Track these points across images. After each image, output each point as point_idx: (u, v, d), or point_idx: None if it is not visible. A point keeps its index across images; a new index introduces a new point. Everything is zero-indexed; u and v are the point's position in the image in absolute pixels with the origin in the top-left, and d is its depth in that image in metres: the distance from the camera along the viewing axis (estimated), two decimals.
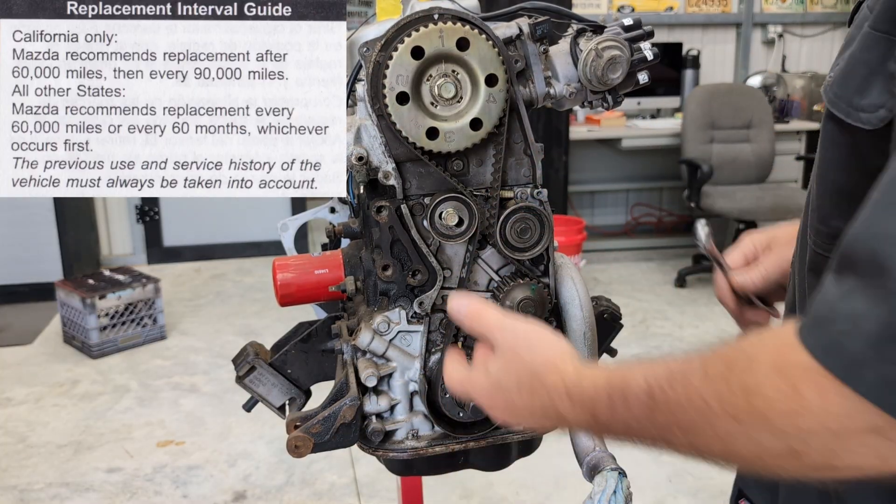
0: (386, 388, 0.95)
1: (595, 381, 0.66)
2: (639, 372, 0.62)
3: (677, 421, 0.58)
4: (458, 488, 2.62)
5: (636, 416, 0.61)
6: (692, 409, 0.56)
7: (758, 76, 5.35)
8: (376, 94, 0.85)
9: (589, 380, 0.67)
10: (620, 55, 0.90)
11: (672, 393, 0.58)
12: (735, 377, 0.54)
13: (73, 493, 2.67)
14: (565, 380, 0.68)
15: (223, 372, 3.56)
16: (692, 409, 0.56)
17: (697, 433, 0.57)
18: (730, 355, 0.56)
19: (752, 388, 0.52)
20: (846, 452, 0.50)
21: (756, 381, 0.52)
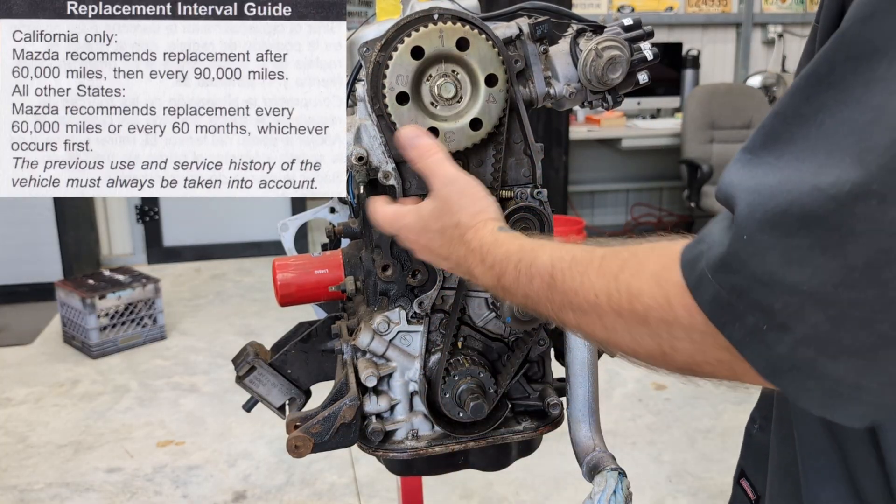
0: (386, 388, 0.95)
1: (508, 249, 0.72)
2: (547, 251, 0.68)
3: (570, 303, 0.64)
4: (458, 488, 2.62)
5: (535, 290, 0.67)
6: (583, 298, 0.62)
7: (758, 76, 5.36)
8: (376, 94, 0.85)
9: (503, 247, 0.73)
10: (620, 55, 0.90)
11: (569, 279, 0.64)
12: (623, 278, 0.59)
13: (73, 493, 2.67)
14: (482, 241, 0.75)
15: (223, 372, 3.56)
16: (584, 297, 0.62)
17: (586, 319, 0.63)
18: (624, 256, 0.61)
19: (635, 292, 0.58)
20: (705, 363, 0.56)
21: (639, 286, 0.58)
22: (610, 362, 1.03)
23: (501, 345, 0.98)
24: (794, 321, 0.48)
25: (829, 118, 0.49)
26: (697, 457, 2.83)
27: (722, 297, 0.51)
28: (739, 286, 0.50)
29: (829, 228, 0.46)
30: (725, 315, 0.51)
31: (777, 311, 0.49)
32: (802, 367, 0.49)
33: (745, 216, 0.50)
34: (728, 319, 0.51)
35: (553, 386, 1.00)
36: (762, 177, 0.51)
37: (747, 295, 0.50)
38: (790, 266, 0.48)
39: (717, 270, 0.52)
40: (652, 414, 3.16)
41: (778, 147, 0.52)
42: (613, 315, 0.60)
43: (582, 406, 0.96)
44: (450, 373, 0.93)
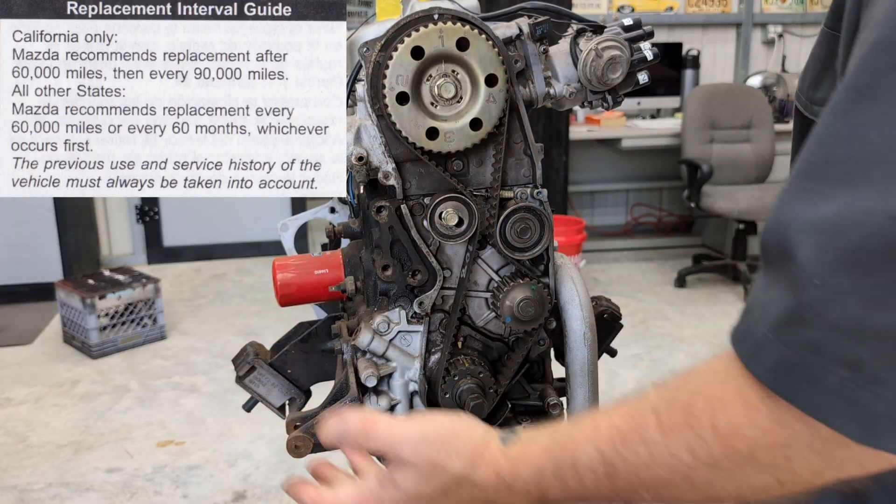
0: (386, 388, 0.95)
1: (534, 462, 0.61)
2: (583, 440, 0.58)
3: (644, 482, 0.55)
4: None
5: (591, 487, 0.57)
6: (661, 468, 0.53)
7: (758, 76, 5.35)
8: (376, 94, 0.85)
9: (526, 463, 0.62)
10: (620, 55, 0.90)
11: (632, 456, 0.54)
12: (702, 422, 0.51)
13: (73, 493, 2.67)
14: (498, 472, 0.63)
15: (223, 372, 3.56)
16: (661, 467, 0.53)
17: (671, 488, 0.54)
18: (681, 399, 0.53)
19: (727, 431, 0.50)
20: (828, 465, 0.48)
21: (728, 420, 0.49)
22: (610, 362, 1.03)
23: (501, 345, 0.98)
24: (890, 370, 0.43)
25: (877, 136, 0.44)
26: None
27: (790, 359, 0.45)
28: (815, 341, 0.44)
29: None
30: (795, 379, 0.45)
31: (869, 363, 0.43)
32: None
33: (813, 259, 0.44)
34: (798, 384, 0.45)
35: (553, 386, 1.00)
36: (821, 212, 0.45)
37: (827, 349, 0.44)
38: (877, 308, 0.42)
39: (782, 328, 0.45)
40: None
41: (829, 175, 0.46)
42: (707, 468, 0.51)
43: (582, 406, 0.96)
44: (450, 373, 0.93)
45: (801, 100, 0.71)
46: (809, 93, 0.69)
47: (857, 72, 0.47)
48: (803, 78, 0.72)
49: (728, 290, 4.73)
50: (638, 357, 3.69)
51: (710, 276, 4.96)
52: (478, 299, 0.95)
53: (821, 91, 0.66)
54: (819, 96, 0.67)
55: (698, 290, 4.73)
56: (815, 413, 0.45)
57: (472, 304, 0.95)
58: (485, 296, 0.95)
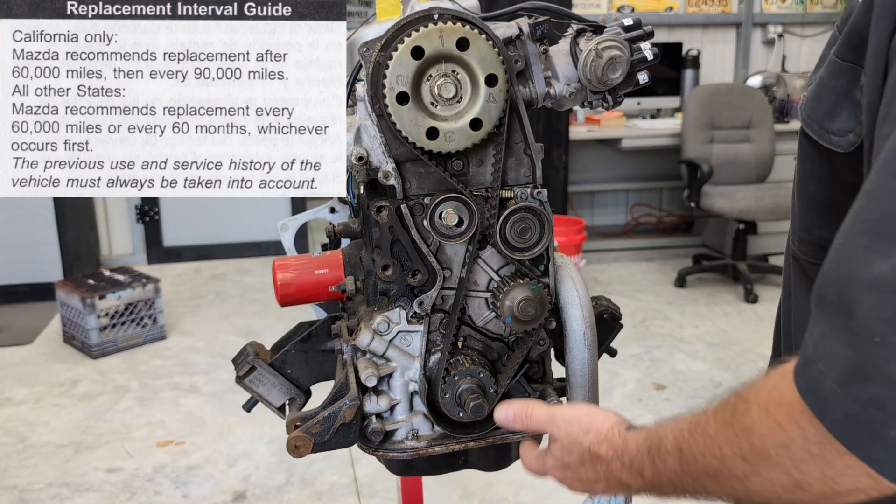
0: (386, 388, 0.95)
1: (638, 444, 0.71)
2: (669, 428, 0.68)
3: (704, 469, 0.62)
4: (458, 488, 2.62)
5: (672, 469, 0.66)
6: (711, 457, 0.61)
7: (758, 76, 5.35)
8: (376, 94, 0.85)
9: (633, 442, 0.72)
10: (620, 55, 0.90)
11: (693, 443, 0.63)
12: (737, 421, 0.58)
13: (73, 493, 2.67)
14: (615, 448, 0.74)
15: (223, 372, 3.56)
16: (711, 456, 0.61)
17: (721, 478, 0.61)
18: (732, 401, 0.60)
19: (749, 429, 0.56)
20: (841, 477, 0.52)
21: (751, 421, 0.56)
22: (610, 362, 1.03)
23: (501, 345, 0.98)
24: None
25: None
26: None
27: (857, 414, 0.48)
28: (878, 397, 0.47)
29: None
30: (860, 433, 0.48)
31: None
32: None
33: (873, 317, 0.47)
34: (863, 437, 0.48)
35: (553, 386, 1.00)
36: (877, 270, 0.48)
37: (889, 405, 0.46)
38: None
39: (847, 383, 0.48)
40: (652, 414, 3.15)
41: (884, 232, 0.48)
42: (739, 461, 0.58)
43: None
44: (450, 373, 0.93)
45: (814, 128, 0.72)
46: (825, 123, 0.70)
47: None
48: (814, 106, 0.72)
49: (728, 290, 4.73)
50: (638, 357, 3.69)
51: (710, 276, 4.96)
52: (478, 299, 0.95)
53: (838, 122, 0.69)
54: (837, 127, 0.69)
55: (698, 290, 4.73)
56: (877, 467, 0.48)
57: (472, 304, 0.95)
58: (485, 296, 0.95)
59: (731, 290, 4.70)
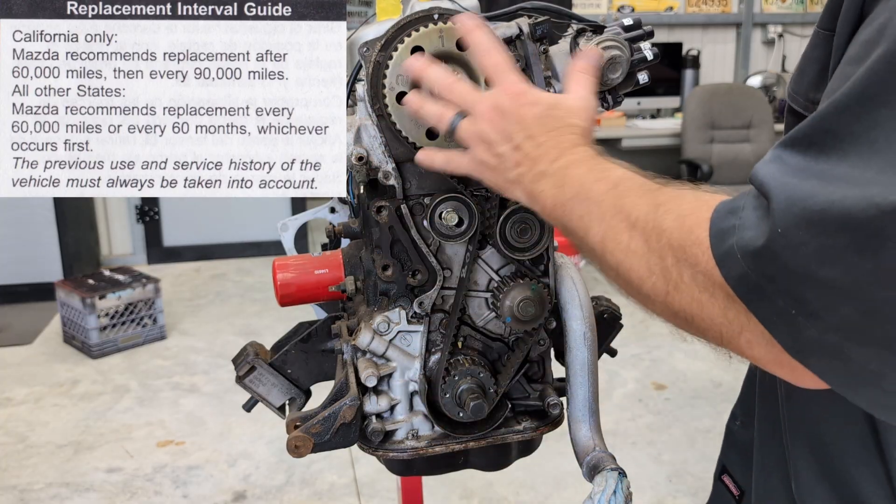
0: (386, 388, 0.95)
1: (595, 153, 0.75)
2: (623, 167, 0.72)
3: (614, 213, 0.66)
4: (458, 488, 2.62)
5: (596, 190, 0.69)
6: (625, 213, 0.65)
7: (758, 76, 5.36)
8: (376, 94, 0.85)
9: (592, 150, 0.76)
10: (620, 55, 0.90)
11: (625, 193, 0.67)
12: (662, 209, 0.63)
13: (73, 493, 2.67)
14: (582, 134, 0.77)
15: (223, 372, 3.57)
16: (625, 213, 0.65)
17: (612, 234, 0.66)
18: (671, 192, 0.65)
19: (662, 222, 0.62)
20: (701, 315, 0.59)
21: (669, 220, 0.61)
22: (610, 362, 1.03)
23: (501, 345, 0.98)
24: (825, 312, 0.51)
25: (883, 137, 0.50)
26: (697, 457, 2.83)
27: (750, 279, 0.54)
28: (770, 273, 0.52)
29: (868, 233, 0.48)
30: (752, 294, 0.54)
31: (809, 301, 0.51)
32: (830, 350, 0.52)
33: (781, 210, 0.52)
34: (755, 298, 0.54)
35: (553, 386, 1.00)
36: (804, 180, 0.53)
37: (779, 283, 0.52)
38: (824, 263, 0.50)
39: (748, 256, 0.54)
40: (652, 414, 3.16)
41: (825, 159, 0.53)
42: (639, 237, 0.63)
43: (582, 406, 0.96)
44: (450, 373, 0.93)
45: (799, 101, 0.74)
46: (810, 94, 0.72)
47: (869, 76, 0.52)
48: (799, 79, 0.74)
49: None
50: (638, 357, 3.69)
51: None
52: (478, 299, 0.95)
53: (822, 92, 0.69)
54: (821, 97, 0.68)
55: None
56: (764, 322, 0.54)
57: (472, 304, 0.95)
58: (485, 296, 0.95)
59: None
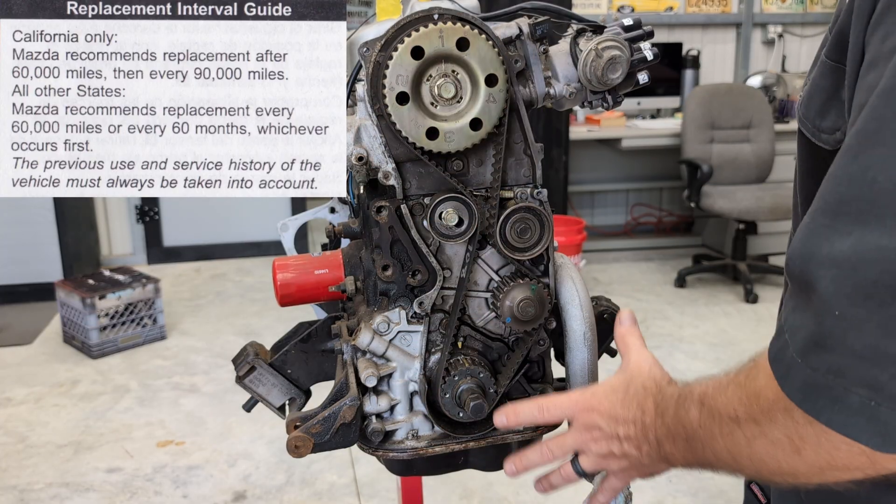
0: (386, 388, 0.95)
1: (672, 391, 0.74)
2: (696, 384, 0.71)
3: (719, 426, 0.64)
4: (458, 488, 2.62)
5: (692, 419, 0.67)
6: (727, 416, 0.62)
7: (758, 76, 5.35)
8: (376, 94, 0.85)
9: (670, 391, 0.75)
10: (620, 55, 0.90)
11: (714, 400, 0.65)
12: (749, 384, 0.60)
13: (73, 493, 2.67)
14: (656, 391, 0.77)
15: (223, 372, 3.56)
16: (727, 415, 0.62)
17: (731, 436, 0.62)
18: (748, 366, 0.62)
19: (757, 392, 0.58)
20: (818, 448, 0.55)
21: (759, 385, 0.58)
22: (610, 362, 1.03)
23: (501, 345, 0.97)
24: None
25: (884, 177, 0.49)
26: None
27: (816, 381, 0.51)
28: (836, 366, 0.49)
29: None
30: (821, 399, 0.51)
31: (886, 384, 0.48)
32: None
33: (832, 292, 0.49)
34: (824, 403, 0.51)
35: (553, 386, 1.00)
36: (837, 248, 0.50)
37: (847, 373, 0.49)
38: (892, 335, 0.47)
39: (807, 353, 0.51)
40: None
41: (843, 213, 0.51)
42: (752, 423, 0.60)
43: None
44: (450, 373, 0.93)
45: (808, 127, 0.74)
46: (816, 121, 0.72)
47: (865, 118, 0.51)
48: (807, 105, 0.75)
49: (728, 290, 4.73)
50: None
51: (710, 276, 4.96)
52: (478, 299, 0.95)
53: (828, 120, 0.71)
54: (827, 125, 0.71)
55: (698, 290, 4.73)
56: (839, 428, 0.50)
57: (472, 304, 0.95)
58: (485, 296, 0.95)
59: (731, 290, 4.70)
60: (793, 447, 0.56)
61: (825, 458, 0.54)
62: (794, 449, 0.56)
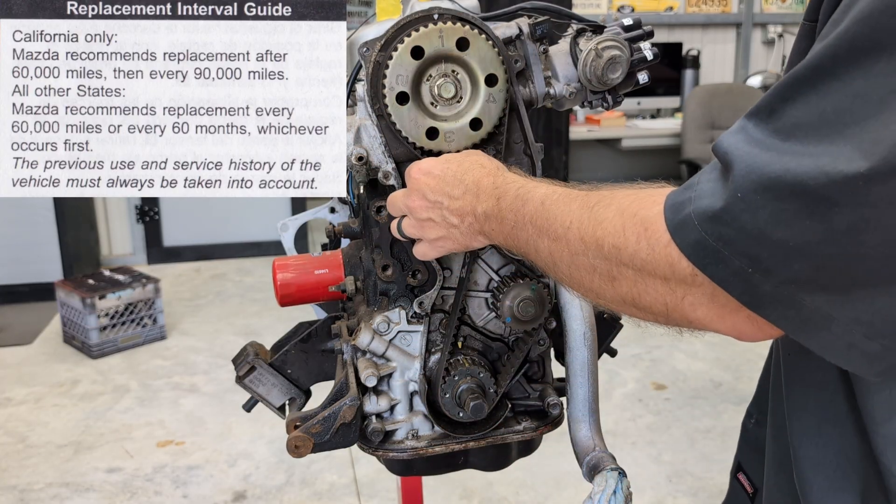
0: (386, 388, 0.95)
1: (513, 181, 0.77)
2: (544, 185, 0.75)
3: (548, 229, 0.70)
4: (458, 488, 2.62)
5: (525, 214, 0.73)
6: (559, 224, 0.69)
7: (758, 76, 5.36)
8: (376, 94, 0.85)
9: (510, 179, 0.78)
10: (620, 55, 0.90)
11: (554, 206, 0.70)
12: (596, 209, 0.66)
13: (73, 493, 2.67)
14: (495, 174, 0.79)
15: (223, 372, 3.56)
16: (560, 223, 0.69)
17: (557, 246, 0.69)
18: (604, 193, 0.68)
19: (598, 219, 0.65)
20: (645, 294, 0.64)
21: (604, 214, 0.65)
22: (610, 362, 1.03)
23: (501, 345, 0.98)
24: (778, 268, 0.55)
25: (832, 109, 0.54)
26: (697, 457, 2.83)
27: (707, 244, 0.57)
28: (727, 236, 0.56)
29: (818, 199, 0.52)
30: (708, 258, 0.57)
31: (763, 259, 0.55)
32: (784, 299, 0.56)
33: (741, 176, 0.55)
34: (711, 262, 0.57)
35: (553, 386, 1.00)
36: (764, 149, 0.56)
37: (735, 244, 0.56)
38: (778, 225, 0.54)
39: (706, 220, 0.57)
40: (652, 414, 3.16)
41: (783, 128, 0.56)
42: (578, 241, 0.66)
43: (582, 406, 0.96)
44: (450, 373, 0.93)
45: None
46: None
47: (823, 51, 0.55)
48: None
49: None
50: (638, 357, 3.69)
51: None
52: (478, 299, 0.95)
53: None
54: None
55: None
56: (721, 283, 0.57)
57: (472, 304, 0.95)
58: (485, 296, 0.95)
59: None
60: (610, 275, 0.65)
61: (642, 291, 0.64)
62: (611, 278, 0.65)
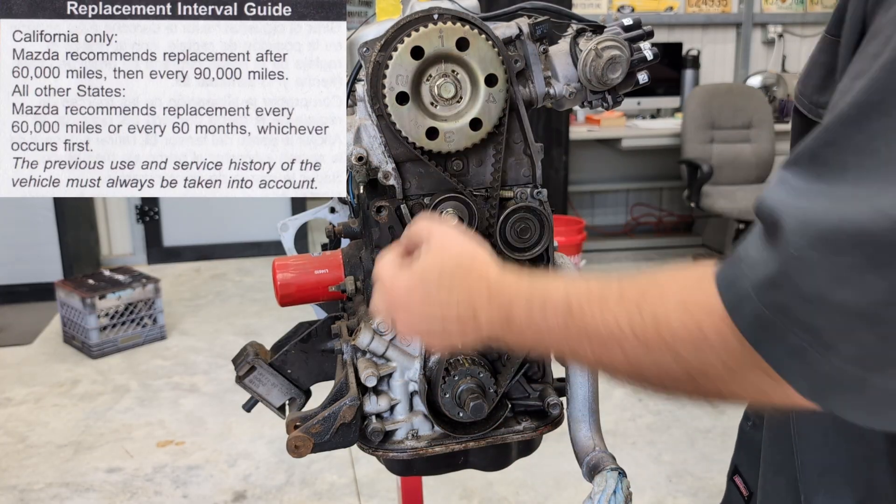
0: (386, 388, 0.95)
1: (517, 285, 0.68)
2: (560, 285, 0.66)
3: (588, 336, 0.62)
4: (458, 488, 2.62)
5: (551, 325, 0.64)
6: (605, 329, 0.60)
7: (758, 76, 5.35)
8: (376, 94, 0.85)
9: (511, 282, 0.69)
10: (620, 55, 0.90)
11: (588, 310, 0.62)
12: (647, 306, 0.59)
13: (73, 493, 2.67)
14: (488, 277, 0.70)
15: (223, 372, 3.56)
16: (605, 328, 0.60)
17: (606, 350, 0.61)
18: (643, 284, 0.61)
19: (661, 319, 0.57)
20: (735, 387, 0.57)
21: (665, 312, 0.57)
22: None
23: None
24: (839, 340, 0.48)
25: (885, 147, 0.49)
26: (697, 457, 2.83)
27: (764, 317, 0.51)
28: (784, 304, 0.50)
29: (881, 247, 0.46)
30: (765, 335, 0.51)
31: (823, 330, 0.49)
32: (849, 384, 0.49)
33: (793, 232, 0.50)
34: (767, 339, 0.52)
35: (553, 386, 1.00)
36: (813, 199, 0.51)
37: (792, 313, 0.50)
38: (838, 284, 0.48)
39: (762, 288, 0.51)
40: (652, 414, 3.16)
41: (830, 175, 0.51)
42: (638, 343, 0.59)
43: (582, 406, 0.96)
44: (450, 373, 0.93)
45: (804, 103, 0.74)
46: (814, 97, 0.73)
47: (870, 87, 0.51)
48: (805, 82, 0.75)
49: None
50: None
51: None
52: None
53: (826, 96, 0.70)
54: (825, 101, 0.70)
55: None
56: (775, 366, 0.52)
57: None
58: None
59: None
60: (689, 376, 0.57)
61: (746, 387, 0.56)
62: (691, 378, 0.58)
